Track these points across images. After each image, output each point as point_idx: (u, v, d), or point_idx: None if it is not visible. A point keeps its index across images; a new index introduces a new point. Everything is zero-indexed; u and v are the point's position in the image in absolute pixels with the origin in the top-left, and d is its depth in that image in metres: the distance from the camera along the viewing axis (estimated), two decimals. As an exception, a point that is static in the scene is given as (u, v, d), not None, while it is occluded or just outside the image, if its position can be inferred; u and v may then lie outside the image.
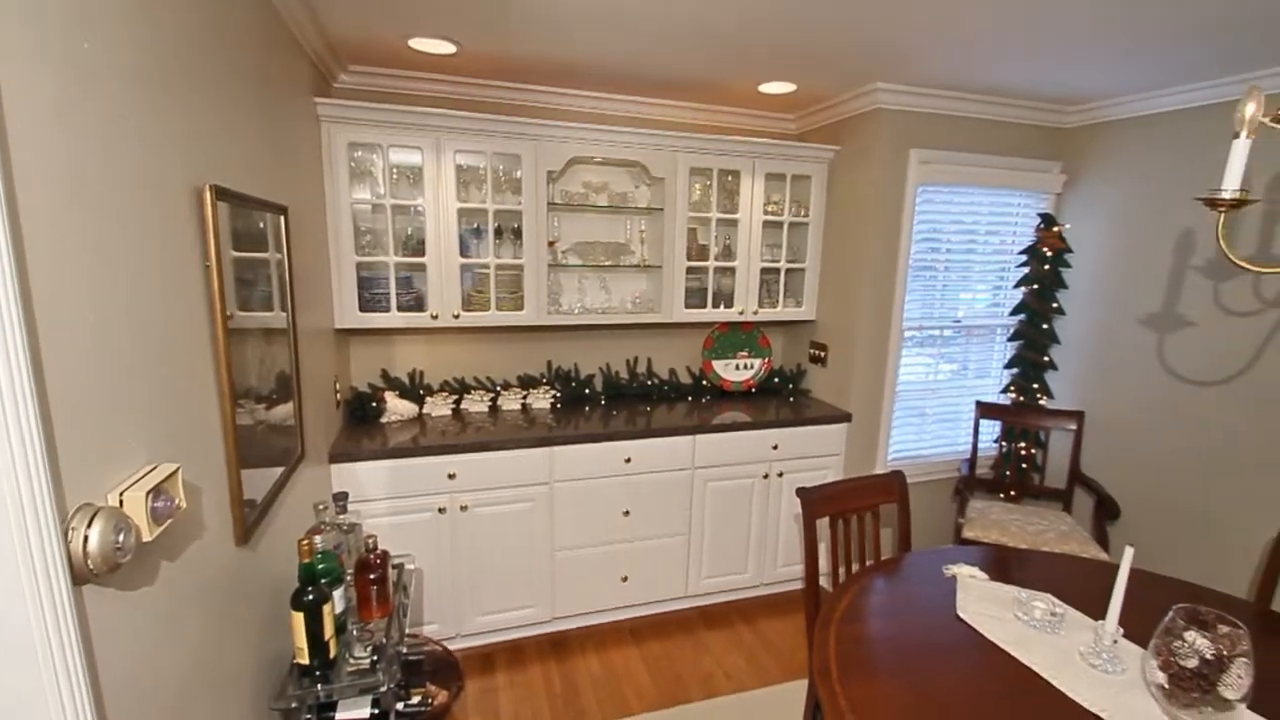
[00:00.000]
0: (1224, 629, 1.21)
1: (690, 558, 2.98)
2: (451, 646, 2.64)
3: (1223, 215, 1.28)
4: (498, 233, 2.79)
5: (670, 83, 2.81)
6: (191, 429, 1.21)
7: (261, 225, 1.63)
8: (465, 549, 2.60)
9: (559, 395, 3.13)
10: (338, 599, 1.68)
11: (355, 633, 1.72)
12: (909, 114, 2.88)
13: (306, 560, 1.53)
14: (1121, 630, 1.46)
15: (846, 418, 3.10)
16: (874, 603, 1.71)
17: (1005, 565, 1.92)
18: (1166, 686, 1.24)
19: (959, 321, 3.33)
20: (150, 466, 1.02)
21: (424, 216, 2.62)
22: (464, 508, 2.56)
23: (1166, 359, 2.80)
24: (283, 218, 1.77)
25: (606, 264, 3.05)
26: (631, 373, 3.38)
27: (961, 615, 1.62)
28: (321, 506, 1.93)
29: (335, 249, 2.51)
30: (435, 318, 2.69)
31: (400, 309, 2.67)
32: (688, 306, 3.11)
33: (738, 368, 3.46)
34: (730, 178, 3.08)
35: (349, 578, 1.83)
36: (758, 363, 3.49)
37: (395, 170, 2.62)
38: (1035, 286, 3.20)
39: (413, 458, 2.47)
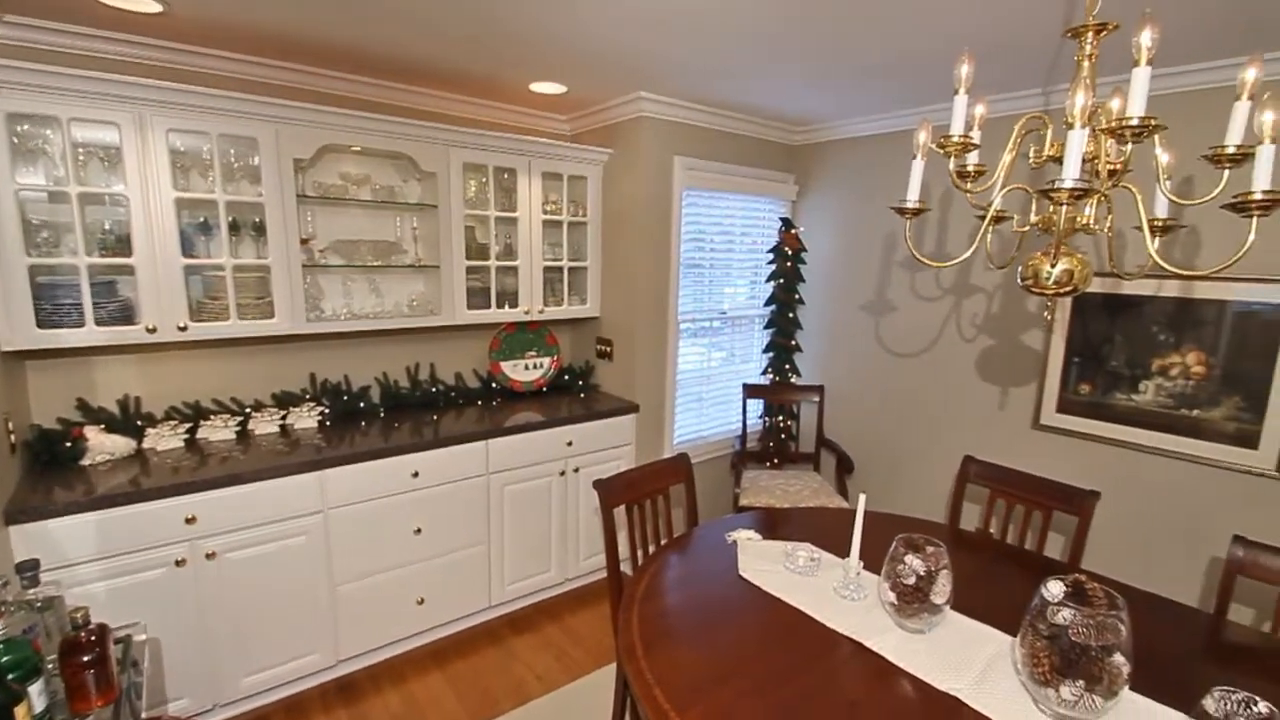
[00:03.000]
0: (930, 549, 1.51)
1: (492, 566, 2.88)
2: (207, 721, 2.21)
3: (909, 221, 1.59)
4: (234, 228, 2.39)
5: (436, 72, 2.66)
6: None
7: None
8: (217, 603, 2.19)
9: (328, 411, 2.80)
10: (36, 695, 1.32)
11: (63, 735, 1.35)
12: (671, 123, 3.11)
13: (-26, 658, 1.16)
14: (862, 564, 1.75)
15: (634, 408, 3.26)
16: (670, 578, 1.82)
17: (774, 524, 2.18)
18: (896, 603, 1.52)
19: (724, 313, 3.70)
20: None
21: (127, 207, 2.14)
22: (210, 555, 2.15)
23: (880, 337, 3.43)
24: (-104, 205, 1.31)
25: (375, 264, 2.80)
26: (413, 380, 3.15)
27: (743, 574, 1.81)
28: (1, 582, 1.48)
29: (-7, 248, 1.94)
30: (153, 331, 2.22)
31: (100, 322, 2.15)
32: (470, 307, 2.99)
33: (527, 368, 3.43)
34: (507, 175, 3.03)
35: (51, 665, 1.44)
36: (547, 361, 3.50)
37: (81, 150, 2.10)
38: (781, 281, 3.70)
39: (132, 504, 2.01)
